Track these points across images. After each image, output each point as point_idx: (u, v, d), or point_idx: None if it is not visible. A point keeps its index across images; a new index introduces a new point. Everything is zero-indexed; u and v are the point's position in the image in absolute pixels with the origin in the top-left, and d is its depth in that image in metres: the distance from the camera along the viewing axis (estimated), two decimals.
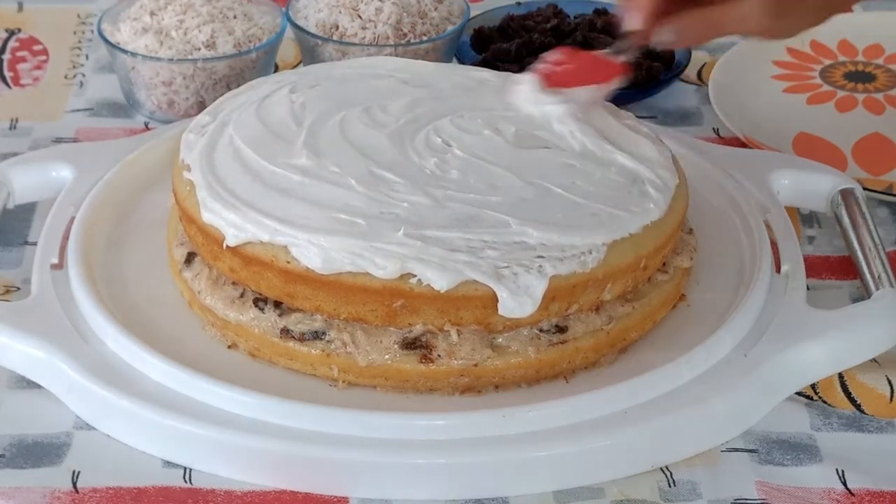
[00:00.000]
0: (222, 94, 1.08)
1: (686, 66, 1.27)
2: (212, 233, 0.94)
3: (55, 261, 1.00)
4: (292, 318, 0.93)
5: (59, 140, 1.20)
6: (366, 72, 1.07)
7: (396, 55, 1.20)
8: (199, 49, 1.20)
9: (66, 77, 1.30)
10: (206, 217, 0.93)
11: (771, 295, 0.98)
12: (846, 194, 1.07)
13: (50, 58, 1.33)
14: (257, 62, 1.22)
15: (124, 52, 1.20)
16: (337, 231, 0.89)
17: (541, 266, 0.89)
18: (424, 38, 1.22)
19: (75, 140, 1.21)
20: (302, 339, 0.92)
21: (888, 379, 0.95)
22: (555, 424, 0.88)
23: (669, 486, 0.88)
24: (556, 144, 0.99)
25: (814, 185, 1.09)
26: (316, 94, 1.03)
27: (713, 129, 1.24)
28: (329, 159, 0.95)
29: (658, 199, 0.95)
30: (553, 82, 1.00)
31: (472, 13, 1.31)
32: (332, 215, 0.90)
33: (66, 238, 1.02)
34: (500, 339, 0.92)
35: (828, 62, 1.32)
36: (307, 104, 1.02)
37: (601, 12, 1.32)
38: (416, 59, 1.19)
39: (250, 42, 1.22)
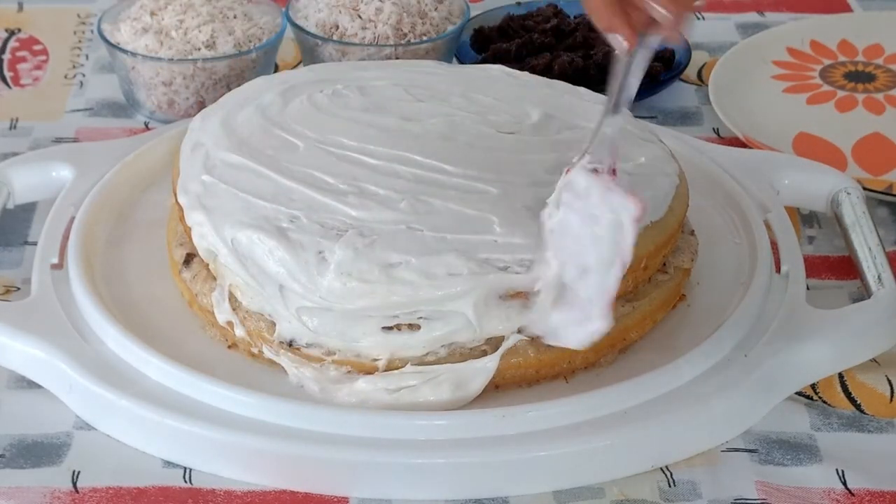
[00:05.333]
0: (222, 94, 1.08)
1: (686, 66, 1.27)
2: None
3: (55, 261, 1.00)
4: None
5: (59, 140, 1.20)
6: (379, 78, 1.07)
7: (396, 55, 1.20)
8: (199, 49, 1.20)
9: (66, 77, 1.30)
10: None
11: (771, 295, 0.98)
12: (846, 194, 1.07)
13: (50, 58, 1.33)
14: (257, 62, 1.22)
15: (124, 52, 1.20)
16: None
17: None
18: (424, 38, 1.22)
19: (75, 140, 1.21)
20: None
21: (888, 379, 0.95)
22: (555, 424, 0.88)
23: (669, 486, 0.88)
24: (559, 146, 0.99)
25: (814, 185, 1.09)
26: (317, 100, 1.04)
27: (713, 129, 1.24)
28: (321, 168, 0.95)
29: (658, 200, 0.95)
30: None
31: (472, 13, 1.31)
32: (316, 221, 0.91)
33: (66, 238, 1.02)
34: None
35: (828, 62, 1.32)
36: (301, 110, 1.02)
37: None
38: (416, 59, 1.20)
39: (250, 42, 1.22)
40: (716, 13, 1.43)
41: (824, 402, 0.95)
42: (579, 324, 0.87)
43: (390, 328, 0.90)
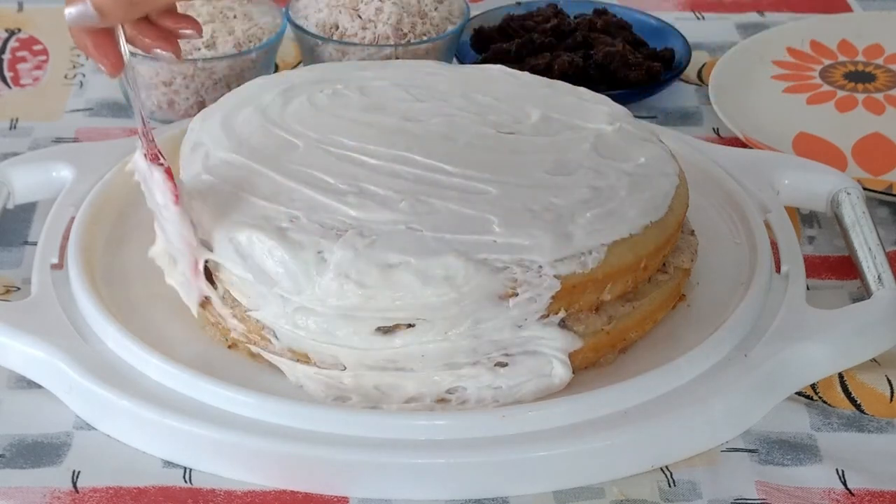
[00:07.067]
0: (222, 94, 1.08)
1: (686, 66, 1.27)
2: None
3: (55, 261, 1.00)
4: None
5: (59, 140, 1.21)
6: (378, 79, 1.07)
7: (396, 55, 1.20)
8: (199, 49, 1.20)
9: (66, 77, 1.30)
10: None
11: (771, 295, 0.98)
12: (846, 194, 1.07)
13: (50, 58, 1.33)
14: (257, 62, 1.22)
15: None
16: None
17: (540, 267, 0.89)
18: (424, 38, 1.22)
19: (75, 140, 1.21)
20: None
21: (888, 379, 0.95)
22: (555, 424, 0.88)
23: (669, 486, 0.88)
24: (559, 146, 0.99)
25: (814, 185, 1.09)
26: (317, 100, 1.04)
27: (713, 129, 1.24)
28: (321, 169, 0.95)
29: (658, 200, 0.95)
30: None
31: (472, 13, 1.31)
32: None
33: (66, 238, 1.02)
34: None
35: (828, 62, 1.32)
36: (301, 110, 1.02)
37: (601, 12, 1.32)
38: (416, 59, 1.20)
39: (250, 42, 1.22)
40: (716, 13, 1.43)
41: (824, 402, 0.95)
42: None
43: (389, 329, 0.90)
